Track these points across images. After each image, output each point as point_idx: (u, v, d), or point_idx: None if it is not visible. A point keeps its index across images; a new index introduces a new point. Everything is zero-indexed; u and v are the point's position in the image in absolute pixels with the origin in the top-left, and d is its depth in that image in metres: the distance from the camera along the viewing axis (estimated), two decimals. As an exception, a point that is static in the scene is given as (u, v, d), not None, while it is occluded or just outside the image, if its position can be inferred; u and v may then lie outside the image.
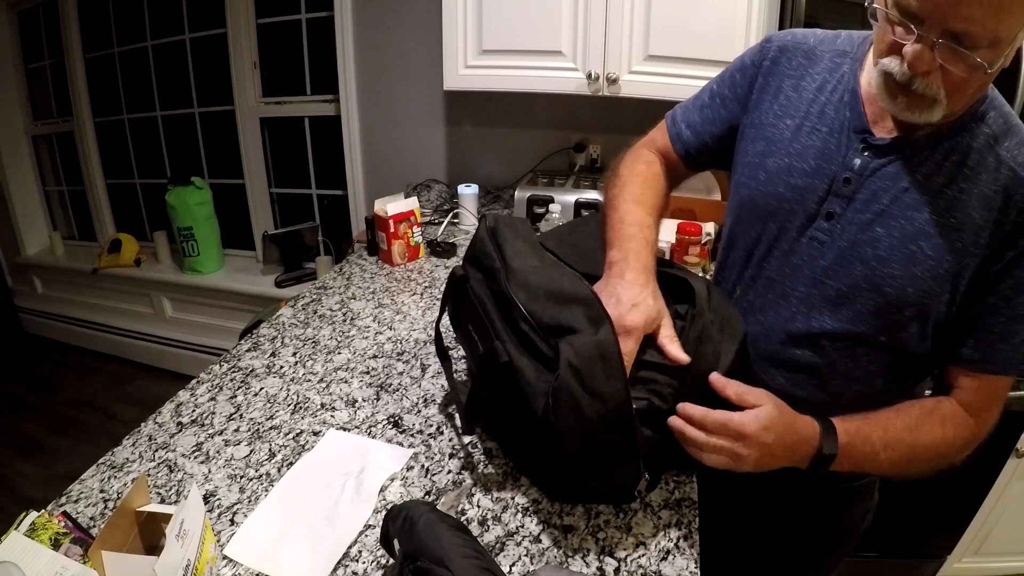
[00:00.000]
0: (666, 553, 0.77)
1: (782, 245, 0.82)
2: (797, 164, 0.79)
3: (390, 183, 2.36)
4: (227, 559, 0.75)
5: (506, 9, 1.69)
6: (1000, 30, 0.60)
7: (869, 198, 0.74)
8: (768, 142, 0.82)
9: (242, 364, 1.17)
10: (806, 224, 0.79)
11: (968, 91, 0.66)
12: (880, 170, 0.74)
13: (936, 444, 0.76)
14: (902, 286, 0.73)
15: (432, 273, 1.60)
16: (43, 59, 3.01)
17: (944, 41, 0.62)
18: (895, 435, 0.75)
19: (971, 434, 0.77)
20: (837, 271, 0.76)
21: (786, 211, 0.80)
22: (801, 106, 0.80)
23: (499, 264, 0.85)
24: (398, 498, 0.85)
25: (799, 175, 0.79)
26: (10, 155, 3.11)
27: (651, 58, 1.64)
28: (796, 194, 0.79)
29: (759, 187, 0.82)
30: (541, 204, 1.81)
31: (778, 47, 0.84)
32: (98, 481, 0.86)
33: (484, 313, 0.84)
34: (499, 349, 0.76)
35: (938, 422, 0.77)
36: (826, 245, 0.77)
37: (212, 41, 2.61)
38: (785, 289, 0.82)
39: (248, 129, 2.70)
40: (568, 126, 2.17)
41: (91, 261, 3.04)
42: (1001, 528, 1.65)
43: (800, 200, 0.79)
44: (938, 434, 0.76)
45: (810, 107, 0.79)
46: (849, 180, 0.75)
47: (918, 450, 0.76)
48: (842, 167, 0.76)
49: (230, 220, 2.92)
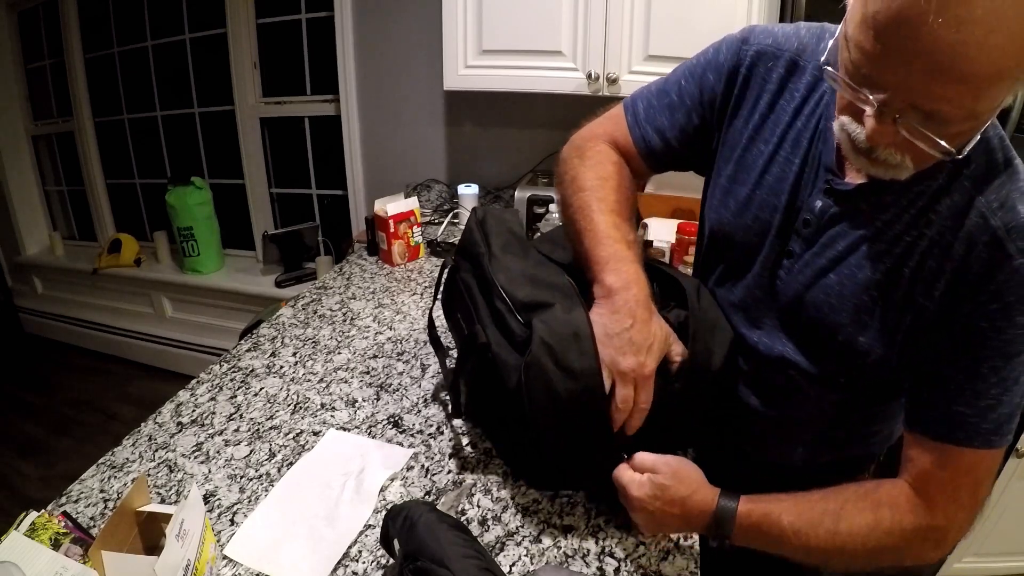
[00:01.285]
0: (666, 553, 0.77)
1: (748, 277, 0.79)
2: (767, 198, 0.75)
3: (390, 183, 2.36)
4: (227, 559, 0.75)
5: (506, 9, 1.69)
6: (979, 106, 0.51)
7: (827, 243, 0.70)
8: (739, 167, 0.78)
9: (242, 364, 1.17)
10: (770, 259, 0.76)
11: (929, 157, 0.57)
12: (840, 217, 0.69)
13: (864, 533, 0.65)
14: (852, 335, 0.69)
15: (432, 273, 1.60)
16: (43, 59, 3.01)
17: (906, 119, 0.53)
18: (811, 518, 0.67)
19: (923, 524, 0.64)
20: (796, 310, 0.74)
21: (752, 244, 0.77)
22: (777, 130, 0.74)
23: (483, 250, 0.86)
24: (398, 498, 0.85)
25: (768, 210, 0.75)
26: (10, 155, 3.11)
27: (651, 58, 1.64)
28: (762, 227, 0.76)
29: (729, 216, 0.80)
30: (541, 204, 1.80)
31: (756, 52, 0.76)
32: (98, 481, 0.86)
33: (470, 300, 0.86)
34: (478, 332, 0.78)
35: (869, 507, 0.66)
36: (786, 283, 0.75)
37: (212, 41, 2.61)
38: (754, 316, 0.80)
39: (248, 129, 2.70)
40: (568, 126, 2.13)
41: (91, 261, 3.04)
42: (1001, 528, 1.65)
43: (765, 234, 0.76)
44: (867, 520, 0.65)
45: (786, 132, 0.73)
46: (809, 223, 0.71)
47: (840, 538, 0.66)
48: (805, 207, 0.72)
49: (230, 220, 2.92)
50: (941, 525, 0.65)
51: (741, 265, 0.80)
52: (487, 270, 0.83)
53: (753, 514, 0.69)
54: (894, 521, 0.65)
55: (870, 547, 0.65)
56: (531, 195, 1.82)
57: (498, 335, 0.78)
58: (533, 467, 0.85)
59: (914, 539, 0.65)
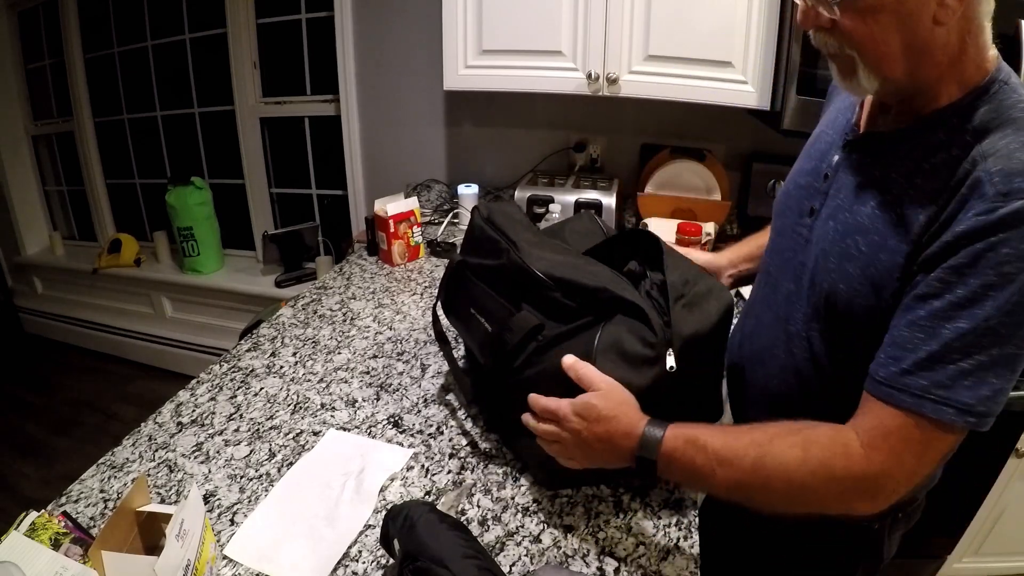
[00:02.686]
0: (666, 553, 0.77)
1: (781, 240, 0.83)
2: (806, 165, 0.81)
3: (390, 183, 2.36)
4: (227, 559, 0.75)
5: (506, 9, 1.69)
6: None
7: (835, 193, 0.73)
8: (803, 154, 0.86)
9: (242, 364, 1.17)
10: (797, 218, 0.80)
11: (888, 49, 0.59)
12: (847, 165, 0.72)
13: (790, 469, 0.62)
14: (835, 281, 0.69)
15: (432, 273, 1.60)
16: (43, 59, 3.01)
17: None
18: (736, 448, 0.65)
19: (857, 472, 0.61)
20: (807, 266, 0.75)
21: (789, 208, 0.82)
22: (831, 116, 0.82)
23: (506, 244, 0.88)
24: (398, 498, 0.85)
25: (804, 175, 0.81)
26: (10, 155, 3.11)
27: (651, 58, 1.64)
28: (798, 192, 0.81)
29: (782, 191, 0.86)
30: (541, 204, 1.81)
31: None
32: (98, 481, 0.86)
33: (494, 291, 0.88)
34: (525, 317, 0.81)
35: (798, 443, 0.63)
36: (806, 240, 0.77)
37: (212, 41, 2.61)
38: (777, 285, 0.83)
39: (248, 129, 2.70)
40: (568, 126, 2.16)
41: (91, 261, 3.04)
42: (1001, 528, 1.65)
43: (798, 197, 0.81)
44: (794, 456, 0.62)
45: (837, 116, 0.80)
46: (827, 176, 0.76)
47: (764, 472, 0.63)
48: (828, 165, 0.76)
49: (230, 220, 2.92)
50: (877, 475, 0.61)
51: (777, 232, 0.86)
52: (518, 259, 0.85)
53: (678, 438, 0.67)
54: (823, 462, 0.62)
55: (795, 485, 0.63)
56: (531, 195, 1.82)
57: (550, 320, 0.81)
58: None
59: (843, 485, 0.62)
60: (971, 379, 0.57)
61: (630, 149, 2.12)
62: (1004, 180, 0.55)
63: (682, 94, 1.64)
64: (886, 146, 0.68)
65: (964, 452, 0.99)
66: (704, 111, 1.74)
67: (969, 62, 0.61)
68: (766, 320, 0.84)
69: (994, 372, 0.57)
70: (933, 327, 0.58)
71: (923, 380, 0.58)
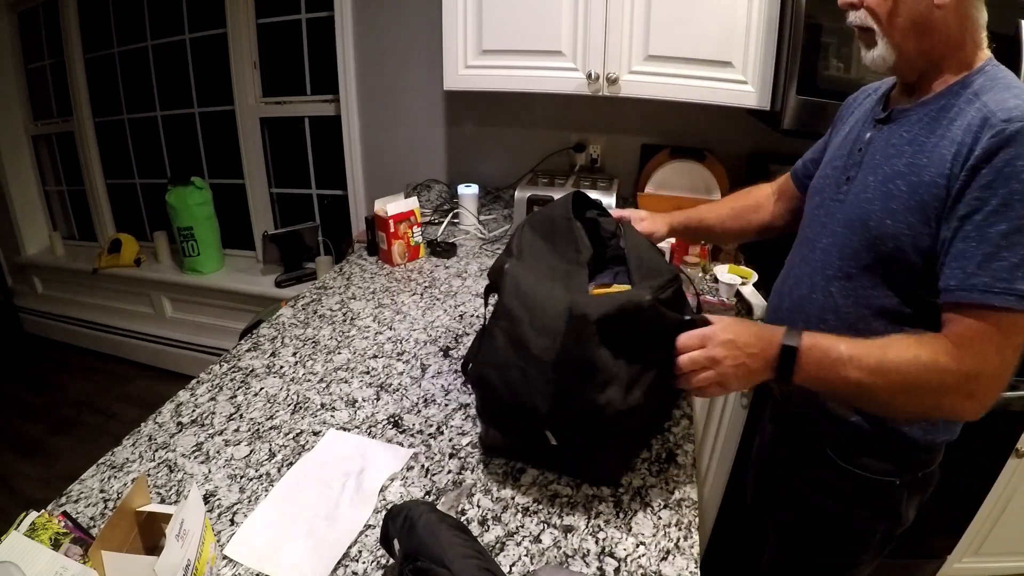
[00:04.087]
0: (666, 553, 0.77)
1: (819, 211, 0.96)
2: (839, 152, 0.96)
3: (390, 183, 2.36)
4: (227, 559, 0.75)
5: (506, 9, 1.69)
6: None
7: (869, 159, 0.88)
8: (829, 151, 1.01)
9: (242, 364, 1.17)
10: (835, 190, 0.93)
11: (899, 20, 0.77)
12: (878, 135, 0.88)
13: (908, 362, 0.74)
14: (881, 218, 0.82)
15: (432, 273, 1.60)
16: (43, 59, 3.01)
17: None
18: (863, 349, 0.76)
19: (955, 364, 0.72)
20: (844, 220, 0.89)
21: (826, 187, 0.96)
22: (855, 120, 0.97)
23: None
24: (398, 498, 0.85)
25: (837, 159, 0.96)
26: (10, 155, 3.11)
27: (651, 58, 1.64)
28: (833, 172, 0.95)
29: (815, 180, 1.01)
30: (541, 204, 1.80)
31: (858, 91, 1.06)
32: (98, 481, 0.86)
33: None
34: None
35: (913, 342, 0.75)
36: (843, 202, 0.90)
37: (212, 41, 2.61)
38: (815, 243, 0.95)
39: (248, 129, 2.70)
40: (568, 126, 2.17)
41: (91, 261, 3.04)
42: (1001, 528, 1.65)
43: (834, 176, 0.95)
44: (911, 354, 0.74)
45: (866, 116, 0.94)
46: (861, 149, 0.90)
47: (887, 365, 0.74)
48: (860, 143, 0.91)
49: (230, 220, 2.92)
50: (971, 374, 0.72)
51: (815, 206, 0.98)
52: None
53: (815, 336, 0.77)
54: (932, 358, 0.73)
55: (911, 380, 0.74)
56: (531, 195, 1.82)
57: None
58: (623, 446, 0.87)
59: (947, 380, 0.73)
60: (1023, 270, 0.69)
61: (630, 149, 2.13)
62: (1004, 112, 0.71)
63: (682, 94, 1.65)
64: (910, 115, 0.84)
65: (964, 452, 0.99)
66: (704, 111, 1.74)
67: (968, 53, 0.79)
68: (804, 274, 0.96)
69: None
70: (981, 234, 0.71)
71: (985, 277, 0.71)
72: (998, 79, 0.77)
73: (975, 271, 0.71)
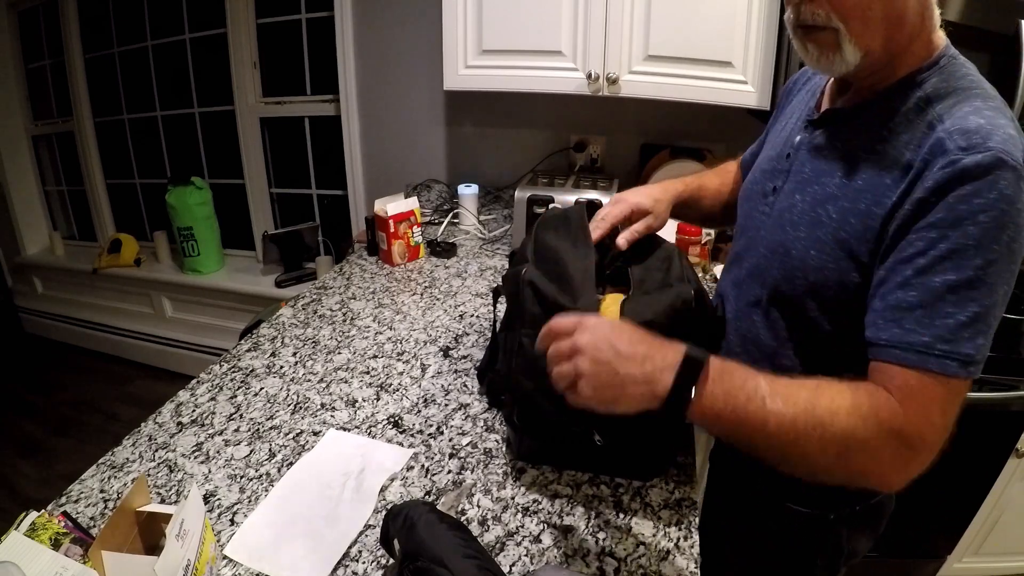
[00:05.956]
0: (666, 553, 0.77)
1: (748, 221, 0.86)
2: (770, 153, 0.86)
3: (390, 183, 2.36)
4: (227, 559, 0.75)
5: (506, 9, 1.69)
6: None
7: (798, 169, 0.77)
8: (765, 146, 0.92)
9: (242, 364, 1.17)
10: (761, 199, 0.83)
11: (872, 15, 0.61)
12: (809, 142, 0.76)
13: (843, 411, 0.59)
14: (805, 248, 0.71)
15: (432, 273, 1.60)
16: (43, 59, 3.01)
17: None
18: (788, 386, 0.61)
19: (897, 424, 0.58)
20: (769, 239, 0.78)
21: (754, 192, 0.86)
22: (791, 109, 0.88)
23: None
24: (398, 498, 0.85)
25: (767, 161, 0.86)
26: (10, 155, 3.11)
27: (651, 58, 1.64)
28: (762, 176, 0.85)
29: (747, 180, 0.91)
30: (541, 204, 1.80)
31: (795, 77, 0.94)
32: (98, 481, 0.86)
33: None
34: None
35: (848, 389, 0.61)
36: (768, 216, 0.80)
37: (212, 41, 2.61)
38: (744, 261, 0.85)
39: (248, 129, 2.70)
40: (568, 126, 2.16)
41: (91, 261, 3.04)
42: (1001, 528, 1.65)
43: (762, 182, 0.85)
44: (846, 401, 0.59)
45: (797, 107, 0.86)
46: (788, 156, 0.79)
47: (818, 413, 0.58)
48: (790, 146, 0.80)
49: (230, 220, 2.92)
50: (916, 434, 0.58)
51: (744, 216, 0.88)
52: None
53: (728, 366, 0.61)
54: (872, 408, 0.59)
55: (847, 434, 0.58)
56: (531, 195, 1.82)
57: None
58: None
59: (888, 437, 0.58)
60: (969, 330, 0.58)
61: (630, 149, 2.12)
62: (963, 136, 0.58)
63: (682, 94, 1.64)
64: (847, 120, 0.72)
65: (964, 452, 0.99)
66: (704, 111, 1.74)
67: (925, 39, 0.65)
68: (730, 295, 0.88)
69: (984, 321, 0.58)
70: (923, 283, 0.59)
71: (925, 336, 0.58)
72: (955, 79, 0.64)
73: (913, 327, 0.59)
